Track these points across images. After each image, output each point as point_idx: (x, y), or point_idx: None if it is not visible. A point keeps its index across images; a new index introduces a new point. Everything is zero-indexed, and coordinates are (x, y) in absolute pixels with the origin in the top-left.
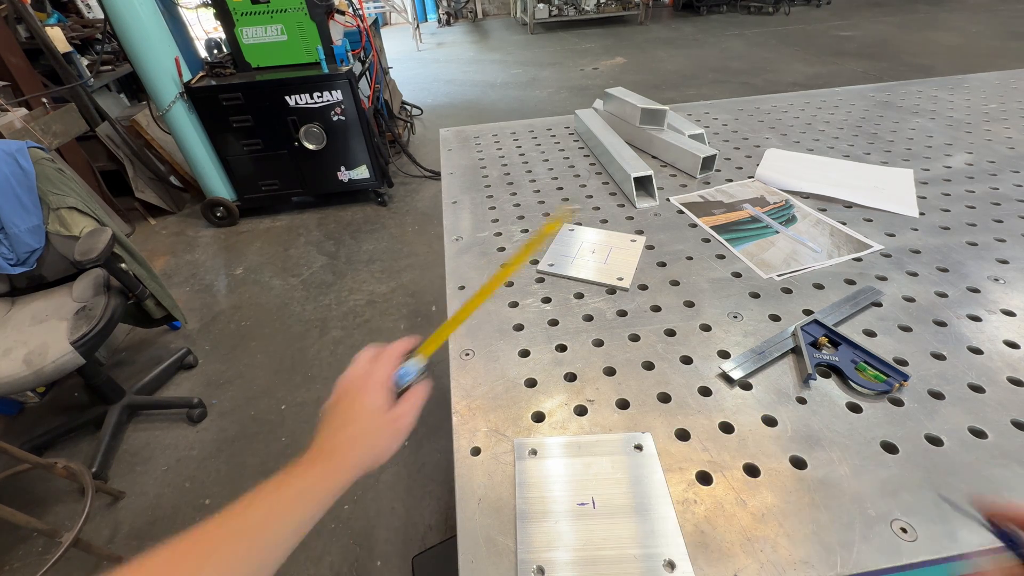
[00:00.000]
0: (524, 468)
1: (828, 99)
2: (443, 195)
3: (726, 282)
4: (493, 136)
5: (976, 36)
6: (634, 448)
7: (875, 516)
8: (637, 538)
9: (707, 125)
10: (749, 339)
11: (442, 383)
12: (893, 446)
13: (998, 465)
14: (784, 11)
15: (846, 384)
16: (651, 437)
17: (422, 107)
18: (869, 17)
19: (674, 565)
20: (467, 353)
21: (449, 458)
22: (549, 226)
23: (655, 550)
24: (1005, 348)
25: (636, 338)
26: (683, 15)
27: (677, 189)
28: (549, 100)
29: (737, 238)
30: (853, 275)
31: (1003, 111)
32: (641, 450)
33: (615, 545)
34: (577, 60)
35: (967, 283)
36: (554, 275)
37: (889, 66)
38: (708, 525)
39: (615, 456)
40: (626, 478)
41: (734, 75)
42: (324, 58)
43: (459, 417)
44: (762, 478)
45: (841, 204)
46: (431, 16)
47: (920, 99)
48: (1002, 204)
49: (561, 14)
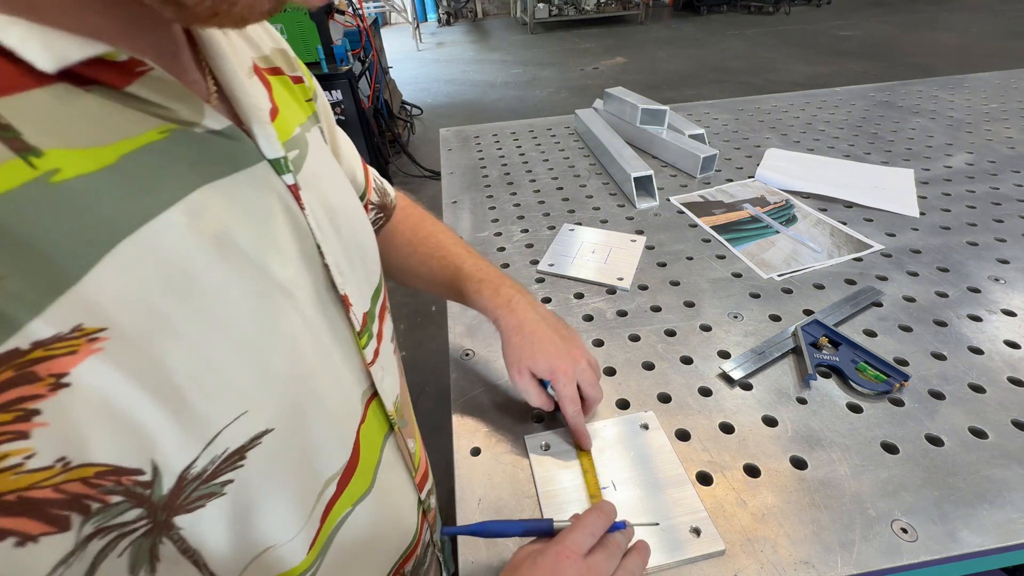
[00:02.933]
0: (540, 463)
1: (828, 99)
2: (443, 195)
3: (726, 282)
4: (493, 136)
5: (976, 36)
6: (640, 427)
7: (875, 516)
8: (661, 511)
9: (707, 125)
10: (749, 339)
11: (442, 383)
12: (893, 446)
13: (999, 465)
14: (784, 11)
15: (846, 384)
16: (654, 415)
17: (422, 107)
18: (869, 17)
19: (699, 531)
20: (467, 353)
21: (449, 458)
22: None
23: (679, 520)
24: (1005, 348)
25: (636, 338)
26: (683, 15)
27: (677, 189)
28: (549, 100)
29: (737, 238)
30: (853, 275)
31: (1004, 111)
32: (647, 429)
33: (642, 520)
34: (577, 60)
35: (967, 283)
36: (554, 275)
37: (889, 66)
38: (708, 525)
39: (624, 439)
40: (639, 456)
41: (734, 75)
42: (324, 58)
43: (459, 417)
44: (762, 478)
45: (841, 204)
46: (431, 16)
47: (920, 99)
48: (1002, 204)
49: (561, 14)
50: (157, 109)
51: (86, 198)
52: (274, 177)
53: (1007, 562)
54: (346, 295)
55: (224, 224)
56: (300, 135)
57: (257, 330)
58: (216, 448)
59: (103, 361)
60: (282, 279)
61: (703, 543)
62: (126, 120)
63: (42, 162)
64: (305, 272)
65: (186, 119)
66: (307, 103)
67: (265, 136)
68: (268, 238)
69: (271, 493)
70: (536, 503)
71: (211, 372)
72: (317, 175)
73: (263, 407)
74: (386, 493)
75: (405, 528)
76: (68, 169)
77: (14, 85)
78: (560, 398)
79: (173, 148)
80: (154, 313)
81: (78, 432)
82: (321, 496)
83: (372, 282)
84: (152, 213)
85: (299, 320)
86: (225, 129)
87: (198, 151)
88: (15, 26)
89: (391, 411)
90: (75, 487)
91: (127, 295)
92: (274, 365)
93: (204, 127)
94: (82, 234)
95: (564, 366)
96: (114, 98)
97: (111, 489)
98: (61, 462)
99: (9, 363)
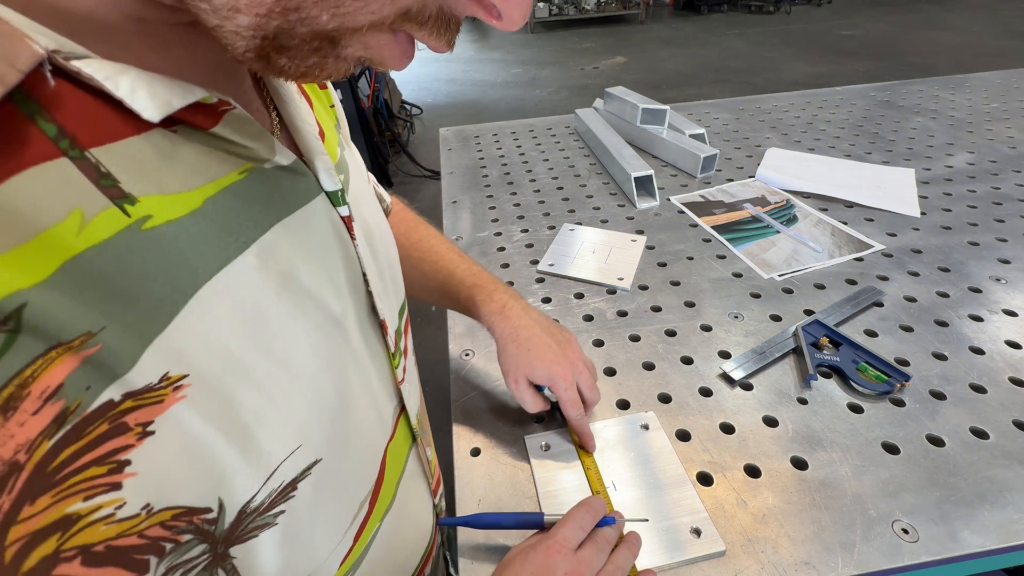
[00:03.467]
0: (541, 463)
1: (829, 98)
2: (443, 195)
3: (727, 282)
4: (493, 136)
5: (977, 35)
6: (641, 428)
7: (876, 517)
8: (661, 511)
9: (708, 124)
10: (750, 339)
11: (442, 383)
12: (894, 447)
13: (1000, 466)
14: (785, 10)
15: (847, 384)
16: (654, 415)
17: (422, 107)
18: (870, 16)
19: (700, 532)
20: (467, 353)
21: (449, 458)
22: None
23: (679, 520)
24: (1007, 348)
25: (636, 338)
26: (684, 14)
27: (678, 189)
28: (549, 99)
29: (738, 238)
30: (854, 275)
31: (1005, 110)
32: (648, 429)
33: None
34: (577, 59)
35: (969, 283)
36: (554, 275)
37: (890, 65)
38: (709, 526)
39: (624, 439)
40: (640, 456)
41: (735, 74)
42: None
43: (459, 417)
44: (763, 479)
45: (842, 204)
46: None
47: (921, 98)
48: (1004, 204)
49: (561, 13)
50: (238, 148)
51: (173, 244)
52: (331, 209)
53: (1008, 563)
54: (384, 320)
55: (290, 263)
56: (343, 158)
57: (313, 364)
58: (274, 482)
59: (186, 408)
60: (336, 311)
61: (703, 544)
62: (212, 161)
63: (136, 209)
64: (351, 301)
65: (262, 156)
66: (331, 108)
67: (325, 169)
68: (325, 272)
69: (315, 520)
70: (536, 503)
71: (274, 409)
72: (358, 199)
73: (314, 439)
74: (406, 503)
75: (423, 533)
76: (158, 215)
77: (118, 133)
78: (563, 403)
79: (250, 188)
80: (229, 356)
81: (162, 478)
82: (356, 517)
83: (399, 299)
84: (230, 257)
85: (348, 349)
86: (292, 164)
87: (271, 189)
88: (125, 75)
89: (415, 424)
90: (155, 531)
91: (207, 340)
92: (324, 396)
93: (275, 163)
94: (169, 281)
95: (563, 371)
96: (200, 140)
97: (184, 529)
98: (146, 509)
99: (104, 416)
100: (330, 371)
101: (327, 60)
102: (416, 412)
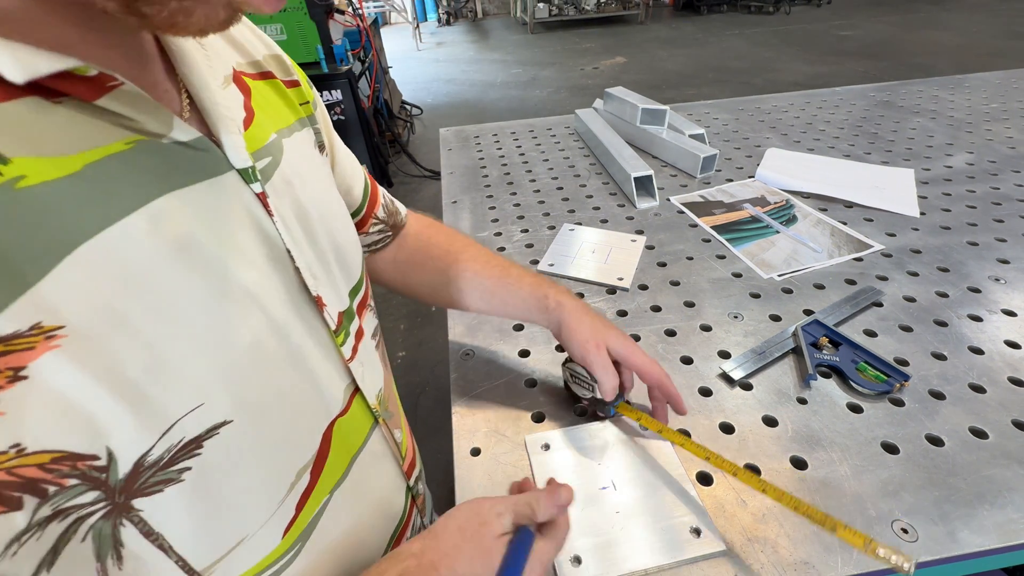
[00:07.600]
0: (541, 463)
1: (829, 99)
2: (443, 195)
3: (726, 282)
4: (493, 136)
5: (977, 36)
6: (641, 427)
7: (876, 516)
8: (661, 511)
9: (707, 125)
10: (749, 339)
11: (442, 383)
12: (894, 446)
13: (999, 465)
14: (785, 10)
15: (847, 384)
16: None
17: (422, 107)
18: (869, 16)
19: (699, 532)
20: (467, 353)
21: (449, 458)
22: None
23: (680, 520)
24: (1006, 348)
25: (636, 338)
26: (683, 14)
27: (677, 189)
28: (549, 100)
29: (737, 238)
30: (854, 275)
31: (1004, 111)
32: (648, 429)
33: (642, 521)
34: (577, 60)
35: (968, 283)
36: (554, 275)
37: (890, 65)
38: (709, 526)
39: (624, 439)
40: (640, 457)
41: (734, 75)
42: (324, 58)
43: (459, 417)
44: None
45: (842, 204)
46: (431, 15)
47: (921, 99)
48: (1003, 204)
49: (561, 13)
50: (126, 121)
51: (49, 204)
52: (242, 186)
53: (1007, 562)
54: (319, 296)
55: (186, 229)
56: (276, 141)
57: (215, 328)
58: (172, 437)
59: (60, 357)
60: (245, 281)
61: (703, 543)
62: (94, 131)
63: (8, 169)
64: (274, 275)
65: (154, 131)
66: (301, 106)
67: (233, 146)
68: (231, 243)
69: (234, 482)
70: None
71: (167, 366)
72: (290, 180)
73: (220, 400)
74: (365, 481)
75: (392, 512)
76: (33, 176)
77: None
78: (643, 365)
79: (138, 158)
80: (111, 312)
81: (34, 421)
82: (294, 486)
83: (351, 281)
84: (113, 218)
85: (263, 320)
86: (193, 140)
87: (164, 161)
88: None
89: (374, 404)
90: (30, 471)
91: (85, 296)
92: (233, 361)
93: (172, 139)
94: (43, 238)
95: (633, 345)
96: (84, 111)
97: (67, 473)
98: (15, 448)
99: None
100: (238, 338)
101: (190, 3)
102: (376, 394)
